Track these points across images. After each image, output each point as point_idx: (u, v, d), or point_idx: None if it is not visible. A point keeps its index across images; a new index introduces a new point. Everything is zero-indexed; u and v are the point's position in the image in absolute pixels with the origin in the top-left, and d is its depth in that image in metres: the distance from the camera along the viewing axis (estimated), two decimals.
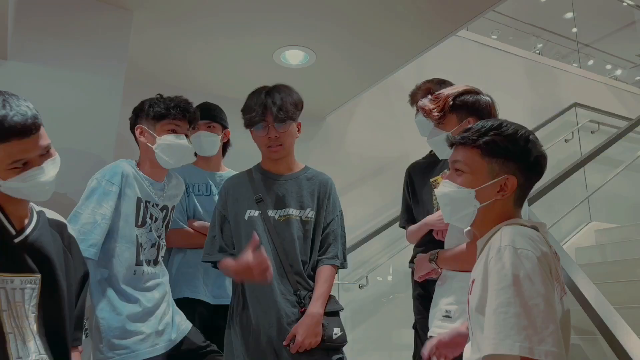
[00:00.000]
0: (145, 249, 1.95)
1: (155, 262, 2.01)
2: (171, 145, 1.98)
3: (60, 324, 1.43)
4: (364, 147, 4.42)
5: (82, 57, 2.57)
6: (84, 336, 1.66)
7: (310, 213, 1.93)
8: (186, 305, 2.15)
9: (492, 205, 1.27)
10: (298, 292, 1.83)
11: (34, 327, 1.37)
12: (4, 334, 1.29)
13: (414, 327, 2.23)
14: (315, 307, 1.80)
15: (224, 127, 2.51)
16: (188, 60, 3.36)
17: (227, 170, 2.50)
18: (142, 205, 1.95)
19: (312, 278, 1.89)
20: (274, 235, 1.87)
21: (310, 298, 1.83)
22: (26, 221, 1.42)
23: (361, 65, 3.45)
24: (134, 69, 3.19)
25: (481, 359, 1.10)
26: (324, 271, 1.88)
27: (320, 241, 1.93)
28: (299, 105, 1.98)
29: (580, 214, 4.81)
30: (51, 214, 1.53)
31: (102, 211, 1.84)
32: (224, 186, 2.03)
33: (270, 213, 1.90)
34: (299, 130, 2.01)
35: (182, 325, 2.01)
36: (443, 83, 2.27)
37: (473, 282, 1.21)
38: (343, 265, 1.95)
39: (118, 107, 2.60)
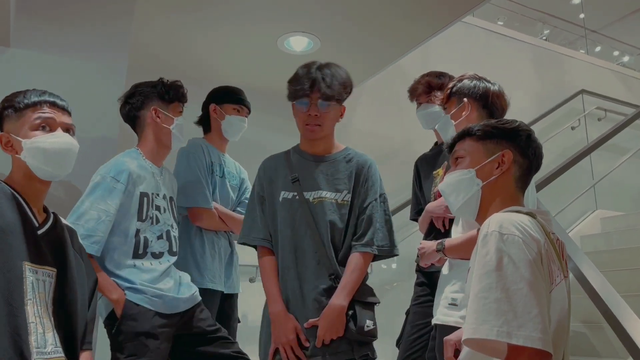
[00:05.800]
0: (151, 241, 1.92)
1: (171, 253, 1.98)
2: (183, 126, 2.07)
3: (72, 322, 1.45)
4: (368, 135, 4.38)
5: (85, 44, 2.55)
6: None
7: (347, 196, 1.81)
8: (204, 293, 2.10)
9: (494, 186, 1.28)
10: (333, 277, 1.74)
11: (52, 319, 1.40)
12: (28, 323, 1.31)
13: (407, 312, 2.26)
14: (338, 298, 1.70)
15: (250, 111, 2.47)
16: (192, 47, 3.34)
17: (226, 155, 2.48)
18: (146, 199, 1.93)
19: (345, 265, 1.78)
20: (309, 217, 1.77)
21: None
22: (44, 216, 1.47)
23: (366, 52, 3.41)
24: (138, 56, 3.17)
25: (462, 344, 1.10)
26: (353, 259, 1.77)
27: (354, 226, 1.81)
28: (347, 87, 1.85)
29: (586, 202, 4.79)
30: (63, 219, 1.56)
31: (105, 207, 1.80)
32: (262, 167, 1.93)
33: (306, 195, 1.80)
34: (341, 115, 1.89)
35: (194, 290, 1.99)
36: (442, 75, 2.31)
37: (469, 270, 1.21)
38: (384, 251, 1.82)
39: (121, 95, 2.59)
